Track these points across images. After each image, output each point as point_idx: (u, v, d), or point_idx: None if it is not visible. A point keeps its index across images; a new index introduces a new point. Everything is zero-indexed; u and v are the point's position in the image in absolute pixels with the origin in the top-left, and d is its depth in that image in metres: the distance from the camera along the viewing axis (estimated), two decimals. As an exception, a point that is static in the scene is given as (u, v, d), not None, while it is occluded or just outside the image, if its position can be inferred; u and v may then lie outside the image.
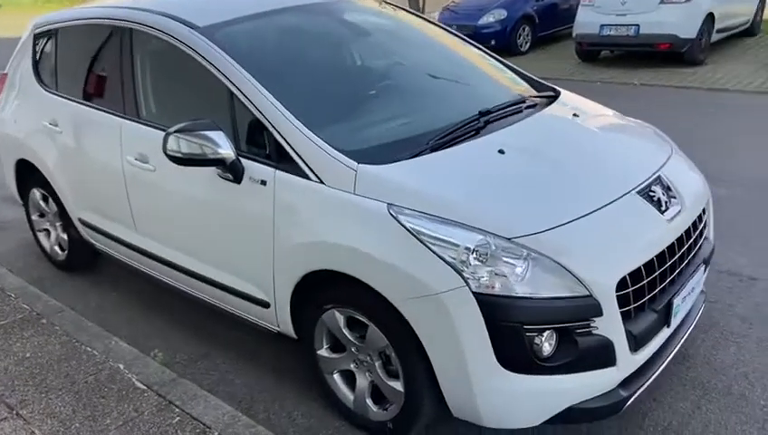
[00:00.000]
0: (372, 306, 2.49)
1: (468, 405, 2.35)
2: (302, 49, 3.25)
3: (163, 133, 3.01)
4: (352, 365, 2.75)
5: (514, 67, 3.64)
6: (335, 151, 2.57)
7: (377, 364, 2.62)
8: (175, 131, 2.72)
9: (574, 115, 3.09)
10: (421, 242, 2.28)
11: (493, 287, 2.21)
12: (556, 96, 3.33)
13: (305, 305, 2.77)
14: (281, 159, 2.68)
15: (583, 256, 2.28)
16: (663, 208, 2.55)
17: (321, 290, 2.67)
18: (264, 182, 2.71)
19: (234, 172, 2.76)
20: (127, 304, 3.94)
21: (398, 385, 2.55)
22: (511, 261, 2.24)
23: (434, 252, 2.26)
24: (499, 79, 3.49)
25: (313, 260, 2.59)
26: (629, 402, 2.42)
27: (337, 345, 2.78)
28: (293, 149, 2.63)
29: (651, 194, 2.57)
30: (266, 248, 2.76)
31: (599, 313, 2.24)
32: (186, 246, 3.19)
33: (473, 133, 2.77)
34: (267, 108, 2.72)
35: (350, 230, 2.46)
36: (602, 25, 9.59)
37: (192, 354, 3.40)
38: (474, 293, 2.20)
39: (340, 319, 2.66)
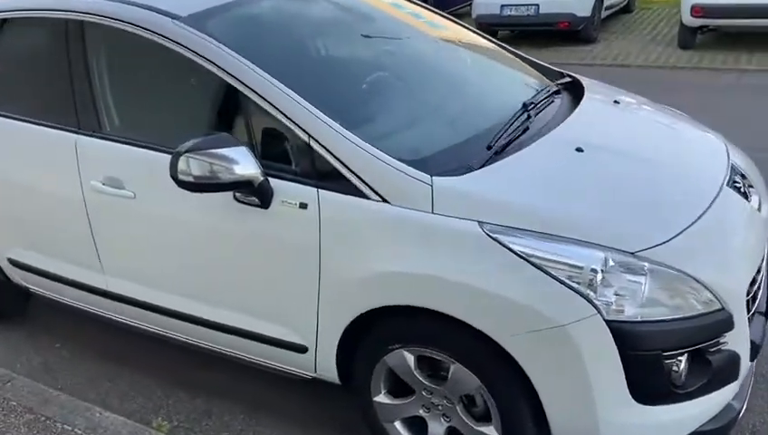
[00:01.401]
0: (461, 344, 2.10)
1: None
2: (315, 39, 2.75)
3: (143, 150, 2.46)
4: (422, 411, 2.34)
5: (516, 52, 3.34)
6: (399, 163, 2.14)
7: (458, 408, 2.25)
8: (187, 151, 2.16)
9: (615, 102, 2.84)
10: (536, 266, 1.93)
11: (623, 312, 1.91)
12: (574, 81, 3.07)
13: (358, 347, 2.32)
14: (324, 175, 2.20)
15: (710, 265, 2.04)
16: (748, 199, 2.37)
17: (385, 328, 2.24)
18: (303, 205, 2.22)
19: (261, 195, 2.24)
20: (80, 359, 3.24)
21: (490, 430, 2.19)
22: (635, 279, 1.94)
23: (554, 277, 1.91)
24: (514, 66, 3.17)
25: (380, 295, 2.15)
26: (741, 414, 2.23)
27: (398, 389, 2.36)
28: (343, 164, 2.16)
29: (737, 185, 2.38)
30: (308, 285, 2.28)
31: (731, 326, 2.01)
32: (186, 287, 2.60)
33: (530, 130, 2.44)
34: (299, 113, 2.22)
35: (433, 257, 2.05)
36: (503, 6, 9.60)
37: (191, 414, 2.82)
38: (606, 321, 1.89)
39: (410, 359, 2.25)
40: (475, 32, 3.35)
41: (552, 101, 2.75)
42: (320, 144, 2.19)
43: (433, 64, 2.91)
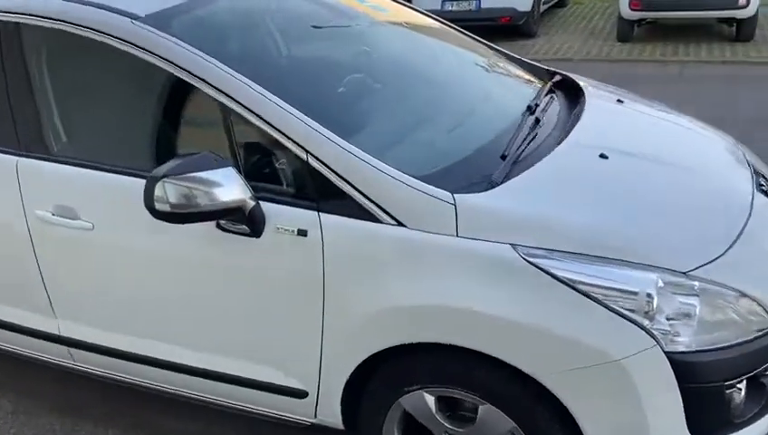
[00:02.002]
0: (493, 383, 1.86)
1: None
2: (300, 42, 2.43)
3: (102, 174, 2.11)
4: (441, 458, 2.09)
5: (502, 50, 3.12)
6: (415, 180, 1.87)
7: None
8: (164, 175, 1.81)
9: (618, 101, 2.65)
10: (583, 294, 1.70)
11: (680, 340, 1.71)
12: (566, 79, 2.86)
13: (368, 388, 2.05)
14: (326, 196, 1.91)
15: (760, 279, 1.86)
16: None
17: (401, 367, 1.97)
18: (302, 232, 1.91)
19: (253, 222, 1.92)
20: (35, 413, 2.80)
21: (523, 474, 1.96)
22: (688, 301, 1.75)
23: (605, 305, 1.69)
24: (505, 65, 2.93)
25: (397, 332, 1.88)
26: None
27: (413, 432, 2.09)
28: (349, 182, 1.87)
29: (763, 187, 2.23)
30: (309, 322, 1.98)
31: None
32: (158, 329, 2.24)
33: (543, 136, 2.21)
34: (293, 126, 1.92)
35: (461, 288, 1.79)
36: (444, 1, 9.43)
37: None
38: (666, 352, 1.68)
39: (430, 401, 1.99)
40: (457, 29, 3.10)
41: (554, 103, 2.54)
42: (320, 161, 1.89)
43: (428, 68, 2.63)
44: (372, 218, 1.86)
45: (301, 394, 2.12)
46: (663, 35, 9.19)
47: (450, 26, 3.06)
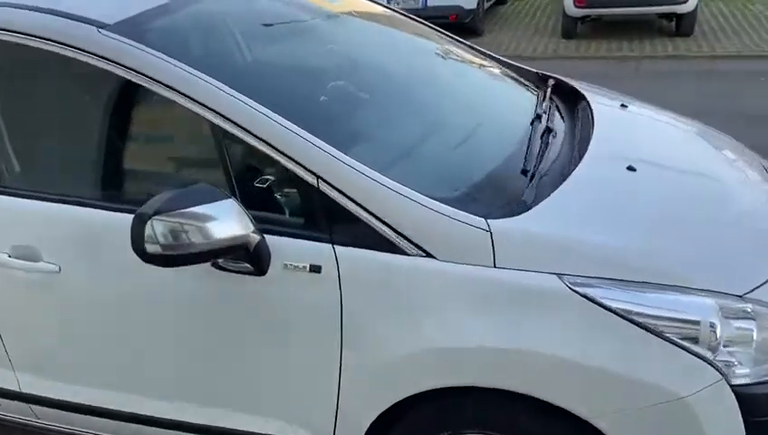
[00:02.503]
0: (535, 426, 1.68)
1: None
2: (294, 52, 2.17)
3: (71, 208, 1.82)
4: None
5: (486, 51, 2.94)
6: (444, 205, 1.66)
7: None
8: (156, 213, 1.54)
9: (623, 106, 2.51)
10: (640, 326, 1.53)
11: (742, 370, 1.57)
12: (559, 83, 2.70)
13: None
14: (341, 227, 1.68)
15: None
16: None
17: (428, 414, 1.76)
18: (315, 268, 1.68)
19: (258, 260, 1.67)
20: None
21: None
22: (744, 325, 1.61)
23: (665, 338, 1.53)
24: (498, 71, 2.74)
25: (428, 375, 1.67)
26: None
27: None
28: (367, 210, 1.65)
29: None
30: (324, 369, 1.75)
31: None
32: (141, 381, 1.96)
33: (560, 149, 2.05)
34: (300, 148, 1.68)
35: (503, 325, 1.60)
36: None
37: None
38: (731, 386, 1.53)
39: (463, 448, 1.79)
40: (441, 32, 2.90)
41: (557, 110, 2.39)
42: (333, 187, 1.66)
43: (428, 80, 2.40)
44: (396, 250, 1.64)
45: (311, 449, 1.89)
46: (606, 32, 9.28)
47: (437, 30, 2.85)
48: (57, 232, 1.88)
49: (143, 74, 1.75)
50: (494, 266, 1.61)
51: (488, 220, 1.64)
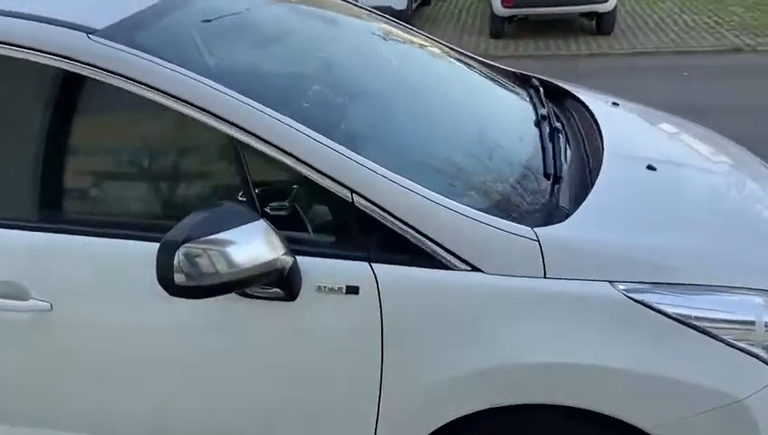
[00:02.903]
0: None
1: None
2: (290, 56, 2.01)
3: (64, 236, 1.63)
4: None
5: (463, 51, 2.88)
6: (490, 217, 1.57)
7: None
8: (185, 240, 1.38)
9: (614, 104, 2.51)
10: (699, 330, 1.50)
11: (791, 367, 1.57)
12: (544, 82, 2.67)
13: None
14: (378, 243, 1.56)
15: None
16: None
17: None
18: (353, 289, 1.56)
19: (290, 284, 1.53)
20: None
21: None
22: None
23: (722, 340, 1.51)
24: (486, 74, 2.66)
25: (477, 397, 1.58)
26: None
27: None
28: (409, 224, 1.54)
29: None
30: (361, 397, 1.63)
31: None
32: (152, 425, 1.77)
33: (574, 152, 2.01)
34: (333, 161, 1.55)
35: (557, 338, 1.53)
36: None
37: None
38: None
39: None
40: (427, 37, 2.82)
41: (554, 111, 2.35)
42: (370, 201, 1.54)
43: (436, 88, 2.28)
44: (439, 265, 1.55)
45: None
46: (532, 31, 9.50)
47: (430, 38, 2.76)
48: (48, 265, 1.67)
49: (147, 85, 1.57)
50: (545, 277, 1.54)
51: (534, 229, 1.57)
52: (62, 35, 1.61)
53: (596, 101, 2.45)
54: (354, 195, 1.54)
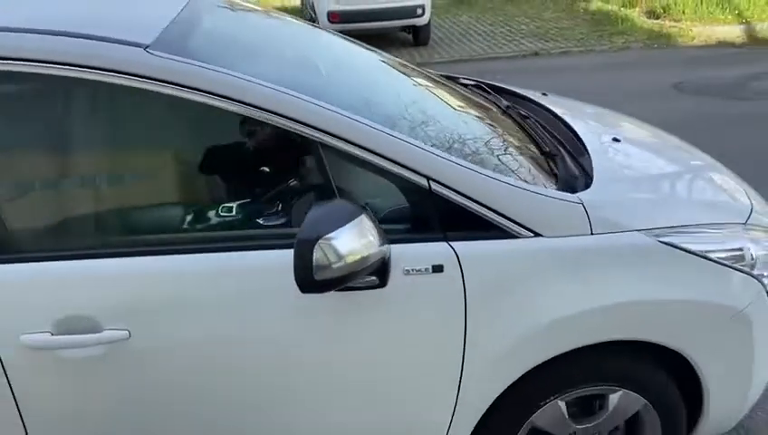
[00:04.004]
0: (628, 367, 1.93)
1: (734, 413, 2.10)
2: (314, 62, 2.06)
3: (141, 259, 1.59)
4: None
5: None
6: (543, 188, 1.82)
7: (611, 439, 2.07)
8: (319, 236, 1.44)
9: (544, 94, 2.87)
10: (714, 261, 1.87)
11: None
12: (478, 83, 2.97)
13: (488, 422, 1.91)
14: (454, 223, 1.72)
15: None
16: None
17: (536, 384, 1.89)
18: (438, 268, 1.70)
19: (384, 272, 1.63)
20: None
21: (644, 445, 2.07)
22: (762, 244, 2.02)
23: (730, 266, 1.88)
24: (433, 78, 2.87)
25: (550, 345, 1.81)
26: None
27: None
28: (481, 203, 1.71)
29: None
30: (447, 365, 1.78)
31: None
32: None
33: (554, 130, 2.32)
34: (410, 153, 1.68)
35: (612, 283, 1.80)
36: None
37: None
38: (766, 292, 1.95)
39: (563, 408, 1.96)
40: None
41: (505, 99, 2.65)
42: (446, 186, 1.69)
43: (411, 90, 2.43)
44: (508, 235, 1.75)
45: (421, 454, 1.88)
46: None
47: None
48: (120, 291, 1.59)
49: (219, 96, 1.57)
50: (592, 234, 1.80)
51: (577, 195, 1.83)
52: (120, 51, 1.55)
53: (532, 94, 2.80)
54: (431, 182, 1.69)
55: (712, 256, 1.87)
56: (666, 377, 1.96)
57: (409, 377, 1.78)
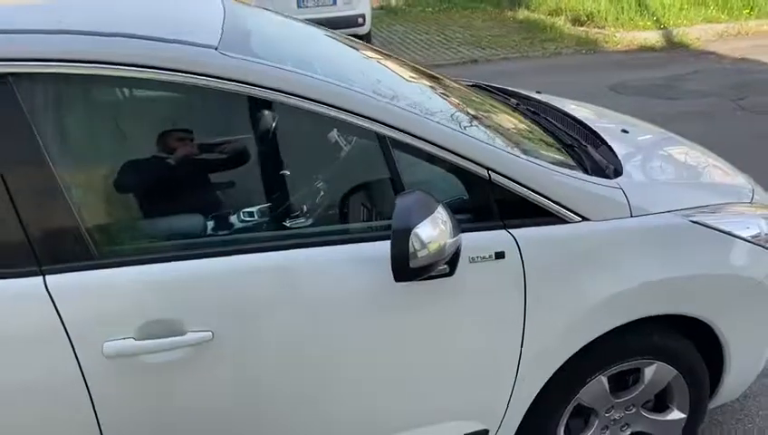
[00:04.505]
0: (662, 341, 2.07)
1: (747, 379, 2.28)
2: (343, 60, 2.11)
3: (225, 259, 1.60)
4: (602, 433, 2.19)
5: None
6: (588, 176, 1.95)
7: (642, 411, 2.19)
8: (413, 225, 1.49)
9: (537, 92, 3.01)
10: (738, 238, 2.04)
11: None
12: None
13: (542, 402, 2.01)
14: (512, 211, 1.81)
15: None
16: None
17: (582, 362, 1.99)
18: (500, 254, 1.78)
19: (455, 260, 1.69)
20: None
21: (675, 414, 2.22)
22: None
23: (749, 241, 2.06)
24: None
25: (602, 322, 1.92)
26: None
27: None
28: (536, 191, 1.81)
29: None
30: (507, 347, 1.87)
31: None
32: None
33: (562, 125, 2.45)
34: (471, 146, 1.77)
35: (655, 261, 1.94)
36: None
37: None
38: None
39: (605, 383, 2.08)
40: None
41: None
42: (504, 176, 1.78)
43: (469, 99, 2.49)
44: (560, 221, 1.85)
45: (479, 435, 1.95)
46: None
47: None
48: (202, 293, 1.58)
49: (289, 94, 1.59)
50: (631, 216, 1.93)
51: (616, 181, 1.96)
52: (193, 53, 1.56)
53: (528, 92, 2.94)
54: (491, 172, 1.77)
55: (735, 232, 2.03)
56: (692, 348, 2.11)
57: (474, 360, 1.85)
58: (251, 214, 1.71)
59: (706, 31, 10.31)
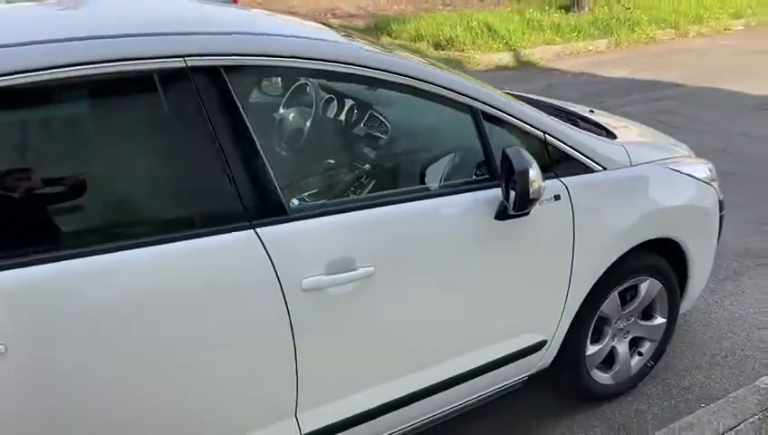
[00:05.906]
0: (655, 262, 2.77)
1: (701, 287, 3.05)
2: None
3: (376, 210, 2.05)
4: (612, 342, 2.82)
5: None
6: (607, 138, 2.65)
7: (638, 319, 2.87)
8: (530, 169, 2.05)
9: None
10: (699, 180, 2.80)
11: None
12: None
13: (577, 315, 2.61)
14: (560, 165, 2.41)
15: None
16: None
17: (607, 280, 2.61)
18: (557, 197, 2.36)
19: (535, 202, 2.25)
20: None
21: (658, 320, 2.91)
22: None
23: (701, 181, 2.82)
24: None
25: (620, 246, 2.56)
26: None
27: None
28: (577, 150, 2.44)
29: None
30: (562, 270, 2.44)
31: None
32: (429, 354, 2.25)
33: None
34: (532, 116, 2.36)
35: (657, 196, 2.68)
36: None
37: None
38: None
39: (616, 298, 2.72)
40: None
41: None
42: (556, 138, 2.38)
43: None
44: (590, 170, 2.48)
45: (539, 346, 2.50)
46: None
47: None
48: (368, 235, 1.99)
49: (411, 77, 2.09)
50: (631, 166, 2.61)
51: (618, 140, 2.64)
52: (350, 48, 2.01)
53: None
54: (546, 135, 2.36)
55: (694, 175, 2.79)
56: (668, 264, 2.81)
57: (541, 282, 2.41)
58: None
59: (546, 51, 11.79)
